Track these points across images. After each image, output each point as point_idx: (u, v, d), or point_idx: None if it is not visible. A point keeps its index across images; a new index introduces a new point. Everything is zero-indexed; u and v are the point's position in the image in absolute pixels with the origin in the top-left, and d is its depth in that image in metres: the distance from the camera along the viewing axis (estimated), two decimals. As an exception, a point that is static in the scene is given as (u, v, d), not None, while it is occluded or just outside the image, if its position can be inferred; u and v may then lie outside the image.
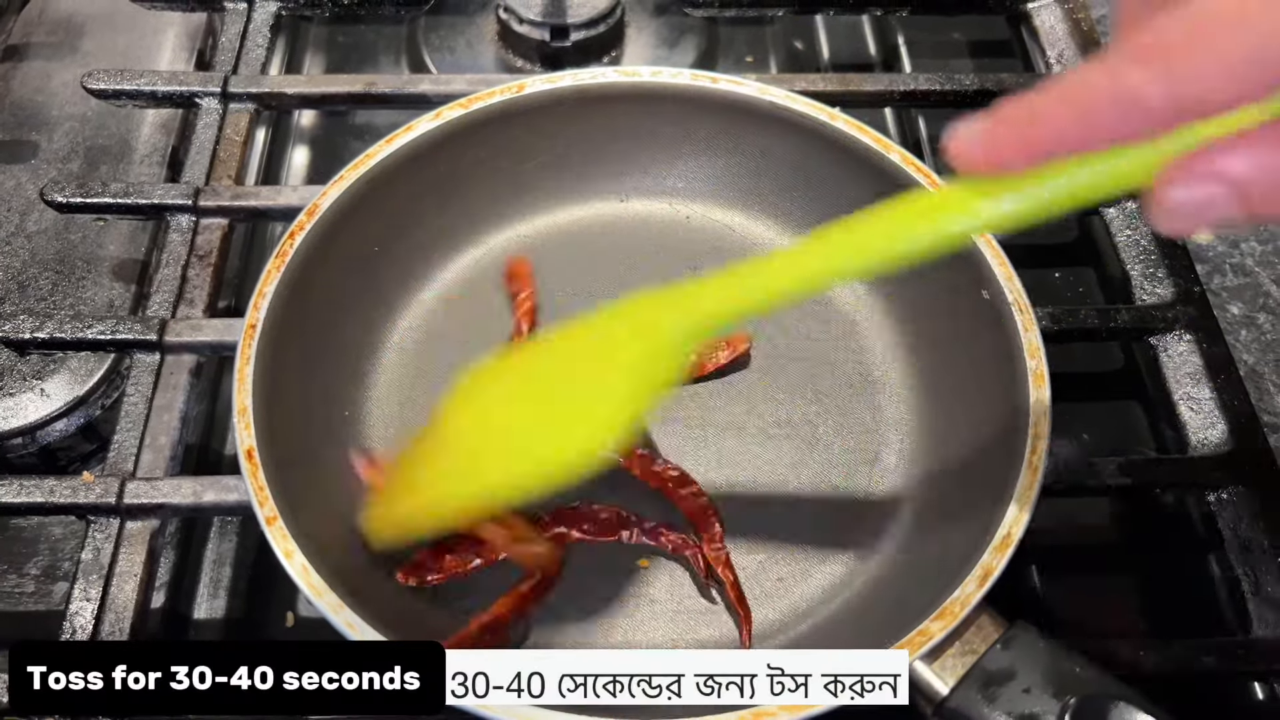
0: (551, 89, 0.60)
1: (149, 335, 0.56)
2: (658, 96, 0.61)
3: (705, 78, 0.60)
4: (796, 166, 0.61)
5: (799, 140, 0.60)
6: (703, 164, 0.64)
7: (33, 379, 0.60)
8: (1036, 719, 0.40)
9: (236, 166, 0.64)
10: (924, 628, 0.42)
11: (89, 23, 0.78)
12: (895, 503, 0.54)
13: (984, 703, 0.41)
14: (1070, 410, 0.61)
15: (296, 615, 0.55)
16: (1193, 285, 0.60)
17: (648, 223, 0.64)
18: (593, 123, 0.62)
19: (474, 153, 0.60)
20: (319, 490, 0.50)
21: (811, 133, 0.59)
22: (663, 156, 0.63)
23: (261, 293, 0.51)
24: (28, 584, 0.57)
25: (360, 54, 0.82)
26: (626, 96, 0.61)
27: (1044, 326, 0.56)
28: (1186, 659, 0.48)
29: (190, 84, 0.67)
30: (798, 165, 0.61)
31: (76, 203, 0.61)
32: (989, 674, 0.42)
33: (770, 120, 0.60)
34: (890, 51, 0.81)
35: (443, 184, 0.59)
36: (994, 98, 0.67)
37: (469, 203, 0.61)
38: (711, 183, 0.64)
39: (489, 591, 0.50)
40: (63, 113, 0.73)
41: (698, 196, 0.64)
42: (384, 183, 0.56)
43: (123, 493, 0.51)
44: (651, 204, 0.64)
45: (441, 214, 0.60)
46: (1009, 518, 0.45)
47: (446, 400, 0.45)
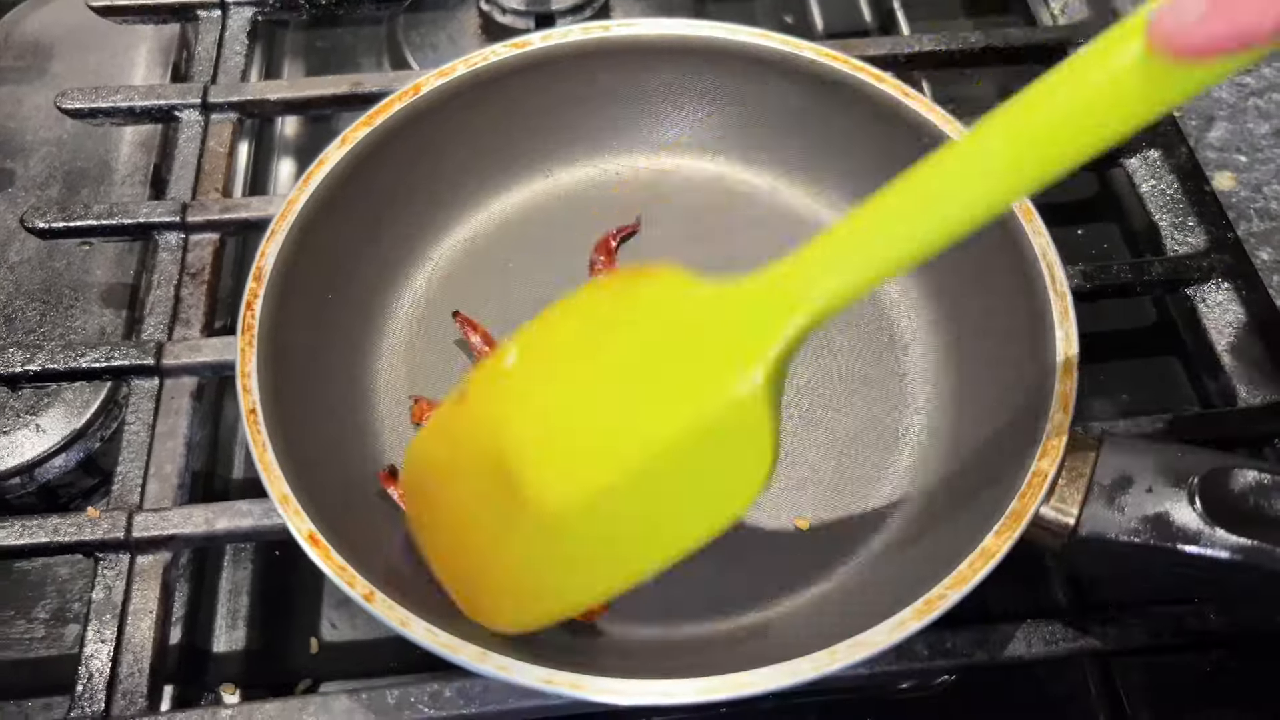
0: (448, 80, 0.56)
1: (146, 359, 0.53)
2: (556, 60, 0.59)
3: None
4: (779, 110, 0.60)
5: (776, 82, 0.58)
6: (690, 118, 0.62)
7: (27, 415, 0.57)
8: (1169, 513, 0.40)
9: (223, 179, 0.61)
10: (1036, 469, 0.42)
11: (57, 44, 0.75)
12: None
13: (1115, 516, 0.40)
14: (1105, 370, 0.60)
15: (321, 641, 0.53)
16: (1225, 232, 0.58)
17: (577, 191, 0.61)
18: (501, 104, 0.59)
19: (392, 168, 0.56)
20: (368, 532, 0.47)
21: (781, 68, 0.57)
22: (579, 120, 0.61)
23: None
24: (37, 629, 0.54)
25: (340, 57, 0.80)
26: (524, 69, 0.58)
27: (1075, 285, 0.55)
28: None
29: (169, 97, 0.64)
30: (781, 109, 0.60)
31: (59, 228, 0.58)
32: (1106, 489, 0.41)
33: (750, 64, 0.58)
34: (886, 17, 0.79)
35: (370, 208, 0.56)
36: (1001, 55, 0.66)
37: (398, 222, 0.58)
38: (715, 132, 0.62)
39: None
40: (37, 137, 0.70)
41: (622, 152, 0.62)
42: (315, 230, 0.52)
43: (131, 526, 0.48)
44: (576, 172, 0.62)
45: (378, 241, 0.57)
46: (1060, 343, 0.45)
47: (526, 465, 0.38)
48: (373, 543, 0.45)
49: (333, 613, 0.54)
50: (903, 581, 0.42)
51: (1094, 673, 0.51)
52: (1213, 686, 0.51)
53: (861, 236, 0.34)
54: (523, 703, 0.44)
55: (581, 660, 0.40)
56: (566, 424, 0.38)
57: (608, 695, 0.38)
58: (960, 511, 0.46)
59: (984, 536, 0.41)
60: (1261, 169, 0.69)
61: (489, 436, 0.40)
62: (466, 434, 0.42)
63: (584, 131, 0.61)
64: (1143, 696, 0.50)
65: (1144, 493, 0.40)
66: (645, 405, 0.37)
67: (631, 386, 0.37)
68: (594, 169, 0.62)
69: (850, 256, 0.34)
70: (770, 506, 0.51)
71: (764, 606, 0.48)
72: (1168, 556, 0.39)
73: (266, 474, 0.44)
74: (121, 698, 0.45)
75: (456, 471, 0.42)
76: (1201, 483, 0.39)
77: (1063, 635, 0.46)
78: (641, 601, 0.48)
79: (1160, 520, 0.39)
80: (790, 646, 0.39)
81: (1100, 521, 0.41)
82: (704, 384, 0.35)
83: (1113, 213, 0.67)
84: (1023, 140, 0.31)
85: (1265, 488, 0.39)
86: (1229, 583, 0.39)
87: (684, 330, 0.37)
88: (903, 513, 0.50)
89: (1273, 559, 0.38)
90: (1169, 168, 0.61)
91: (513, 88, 0.58)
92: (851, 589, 0.47)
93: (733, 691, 0.38)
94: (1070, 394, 0.44)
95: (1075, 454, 0.42)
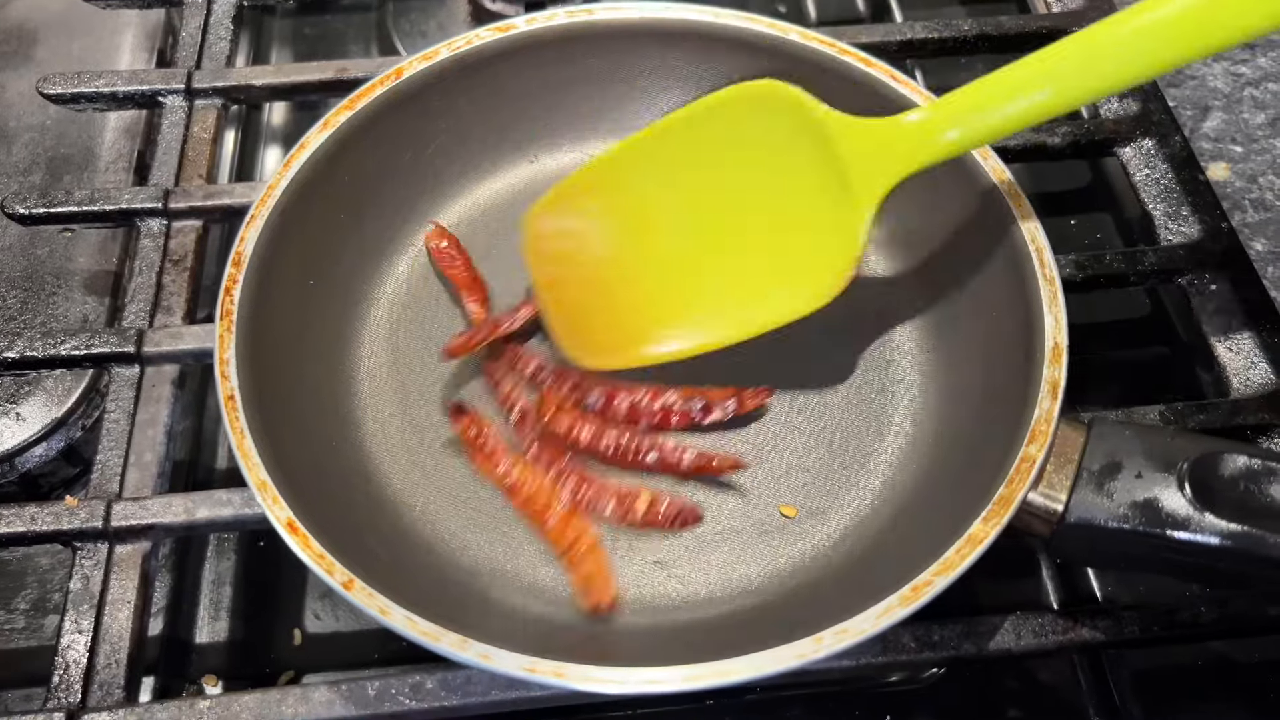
0: (431, 64, 0.56)
1: (126, 347, 0.53)
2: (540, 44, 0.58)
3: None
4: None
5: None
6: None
7: (6, 403, 0.57)
8: (1158, 499, 0.39)
9: (207, 165, 0.61)
10: (1024, 454, 0.41)
11: (41, 29, 0.75)
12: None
13: (1104, 501, 0.40)
14: (1098, 360, 0.59)
15: (305, 633, 0.53)
16: (1220, 222, 0.57)
17: (562, 177, 0.59)
18: (485, 88, 0.58)
19: (375, 153, 0.56)
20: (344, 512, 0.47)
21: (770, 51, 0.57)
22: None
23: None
24: (17, 619, 0.54)
25: (328, 44, 0.79)
26: (508, 53, 0.58)
27: (1068, 274, 0.54)
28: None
29: (152, 82, 0.64)
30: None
31: (40, 213, 0.58)
32: (1095, 474, 0.41)
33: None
34: (879, 5, 0.78)
35: (353, 194, 0.55)
36: (994, 43, 0.66)
37: (381, 208, 0.57)
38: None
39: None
40: (20, 124, 0.69)
41: (608, 137, 0.61)
42: (296, 216, 0.52)
43: (109, 515, 0.48)
44: (561, 158, 0.61)
45: (360, 227, 0.56)
46: (1049, 329, 0.45)
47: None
48: (352, 531, 0.45)
49: (316, 604, 0.54)
50: (889, 568, 0.41)
51: (1084, 666, 0.51)
52: (1203, 679, 0.50)
53: (987, 97, 0.44)
54: (505, 694, 0.43)
55: (564, 649, 0.39)
56: (688, 204, 0.50)
57: (591, 683, 0.38)
58: (948, 498, 0.45)
59: (971, 523, 0.40)
60: (1257, 160, 0.68)
61: (618, 203, 0.52)
62: (597, 202, 0.53)
63: (569, 116, 0.61)
64: (1134, 689, 0.50)
65: (1133, 478, 0.40)
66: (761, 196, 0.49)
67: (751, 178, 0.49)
68: (579, 154, 0.61)
69: (979, 109, 0.44)
70: (756, 494, 0.50)
71: (749, 594, 0.47)
72: (1156, 542, 0.39)
73: (245, 460, 0.43)
74: (98, 689, 0.45)
75: (581, 234, 0.53)
76: (1191, 468, 0.39)
77: (1052, 627, 0.45)
78: (627, 590, 0.47)
79: (1149, 506, 0.39)
80: (775, 634, 0.39)
81: (1089, 507, 0.40)
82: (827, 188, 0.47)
83: (1106, 202, 0.66)
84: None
85: (1255, 473, 0.39)
86: (1218, 569, 0.39)
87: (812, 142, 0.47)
88: (890, 500, 0.49)
89: (1262, 544, 0.37)
90: (1163, 157, 0.60)
91: (497, 72, 0.58)
92: (838, 576, 0.47)
93: (717, 679, 0.38)
94: (1059, 380, 0.44)
95: (1064, 440, 0.42)
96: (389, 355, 0.54)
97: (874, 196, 0.46)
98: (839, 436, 0.52)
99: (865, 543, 0.48)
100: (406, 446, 0.52)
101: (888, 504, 0.49)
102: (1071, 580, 0.53)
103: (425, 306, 0.56)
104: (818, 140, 0.47)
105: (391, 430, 0.52)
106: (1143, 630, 0.45)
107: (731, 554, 0.48)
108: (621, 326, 0.52)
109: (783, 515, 0.49)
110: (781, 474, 0.51)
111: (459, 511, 0.50)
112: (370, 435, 0.52)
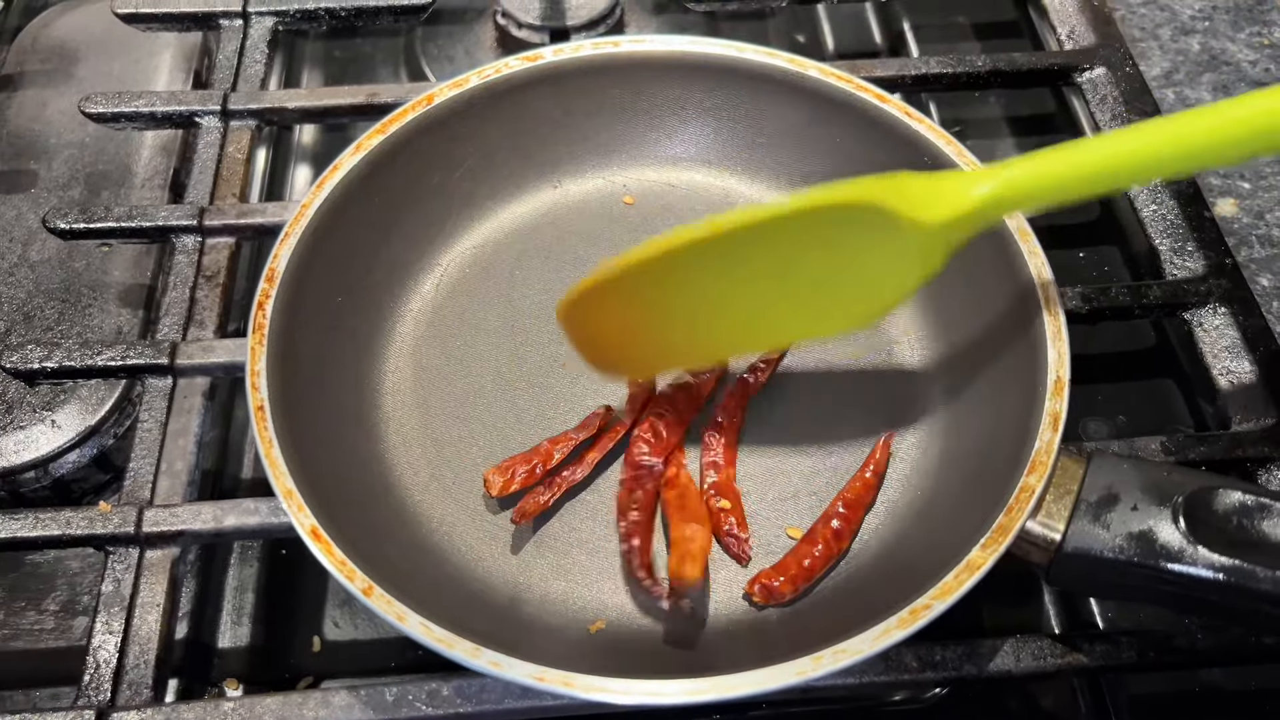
0: (461, 91, 0.58)
1: (160, 359, 0.55)
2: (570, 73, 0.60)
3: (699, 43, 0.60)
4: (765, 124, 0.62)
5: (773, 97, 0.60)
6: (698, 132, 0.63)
7: (43, 410, 0.58)
8: (1153, 531, 0.40)
9: (240, 184, 0.63)
10: (1024, 484, 0.43)
11: (83, 49, 0.77)
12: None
13: (1100, 532, 0.41)
14: (1102, 391, 0.61)
15: (324, 640, 0.54)
16: (1224, 257, 0.58)
17: (586, 202, 0.62)
18: (512, 115, 0.60)
19: (404, 175, 0.58)
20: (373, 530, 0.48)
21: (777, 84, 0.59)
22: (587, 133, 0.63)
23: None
24: (47, 620, 0.55)
25: (358, 67, 0.81)
26: (535, 81, 0.59)
27: (1074, 306, 0.56)
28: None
29: (190, 103, 0.66)
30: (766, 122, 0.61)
31: (80, 228, 0.60)
32: (1093, 505, 0.42)
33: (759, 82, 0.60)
34: (896, 39, 0.80)
35: (382, 214, 0.57)
36: (1007, 78, 0.67)
37: (409, 228, 0.59)
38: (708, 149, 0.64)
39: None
40: (61, 140, 0.72)
41: (630, 165, 0.63)
42: (327, 234, 0.53)
43: (141, 521, 0.49)
44: (584, 184, 0.63)
45: (388, 246, 0.58)
46: (1052, 362, 0.46)
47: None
48: (373, 540, 0.46)
49: (335, 612, 0.55)
50: (889, 591, 0.42)
51: (1084, 690, 0.52)
52: (1200, 706, 0.51)
53: (1039, 170, 0.42)
54: (518, 703, 0.45)
55: (573, 659, 0.41)
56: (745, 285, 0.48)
57: (596, 693, 0.39)
58: (948, 524, 0.46)
59: (970, 550, 0.41)
60: (1265, 196, 0.69)
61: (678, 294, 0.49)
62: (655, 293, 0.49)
63: (593, 144, 0.62)
64: (1132, 713, 0.51)
65: (1129, 510, 0.41)
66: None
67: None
68: (602, 181, 0.63)
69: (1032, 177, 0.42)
70: (764, 516, 0.51)
71: (753, 613, 0.48)
72: (1151, 573, 0.40)
73: (272, 469, 0.45)
74: (127, 688, 0.46)
75: (633, 319, 0.51)
76: (1186, 502, 0.40)
77: (1051, 651, 0.46)
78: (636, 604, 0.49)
79: (1144, 538, 0.40)
80: (777, 652, 0.40)
81: (1085, 538, 0.41)
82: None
83: (1114, 236, 0.68)
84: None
85: (1249, 508, 0.40)
86: (1211, 601, 0.40)
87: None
88: (891, 525, 0.51)
89: (1253, 579, 0.38)
90: (1170, 193, 0.61)
91: (524, 100, 0.60)
92: (839, 599, 0.48)
93: (719, 693, 0.39)
94: (1060, 412, 0.45)
95: (1063, 471, 0.43)
96: (413, 370, 0.56)
97: (936, 266, 0.44)
98: (844, 462, 0.53)
99: (866, 565, 0.49)
100: (427, 459, 0.53)
101: (889, 528, 0.50)
102: (1073, 606, 0.54)
103: (449, 324, 0.58)
104: (896, 234, 0.44)
105: (413, 443, 0.54)
106: (1140, 656, 0.46)
107: (738, 573, 0.50)
108: (663, 358, 0.53)
109: (789, 537, 0.51)
110: (788, 497, 0.52)
111: (476, 525, 0.51)
112: (392, 448, 0.54)
